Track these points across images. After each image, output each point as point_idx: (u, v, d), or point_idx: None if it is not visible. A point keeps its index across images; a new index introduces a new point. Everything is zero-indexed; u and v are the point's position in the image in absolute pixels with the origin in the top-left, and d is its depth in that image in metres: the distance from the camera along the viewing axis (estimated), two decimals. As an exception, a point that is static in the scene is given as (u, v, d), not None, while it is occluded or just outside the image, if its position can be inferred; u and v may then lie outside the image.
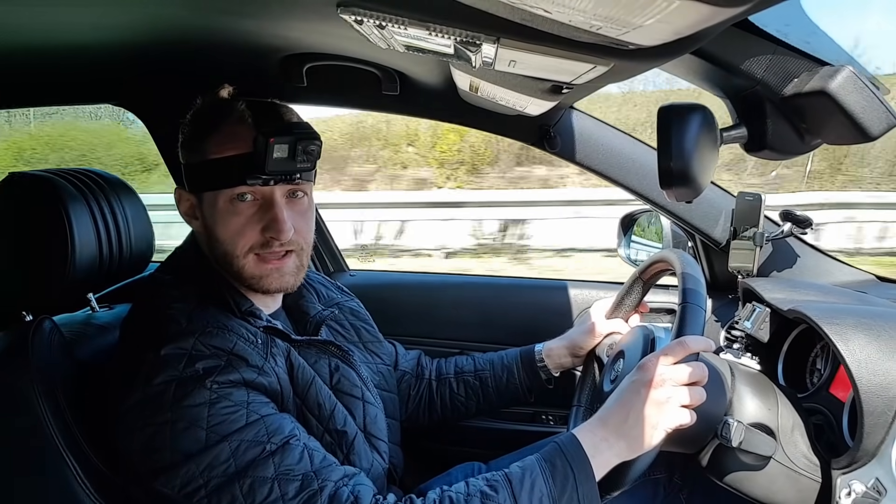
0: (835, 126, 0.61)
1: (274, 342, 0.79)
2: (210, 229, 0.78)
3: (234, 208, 0.76)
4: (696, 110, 0.62)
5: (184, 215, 0.82)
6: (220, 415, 0.67)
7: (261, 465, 0.66)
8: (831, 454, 0.77)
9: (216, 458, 0.66)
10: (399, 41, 0.58)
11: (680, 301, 0.78)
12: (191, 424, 0.66)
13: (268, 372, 0.74)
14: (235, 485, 0.65)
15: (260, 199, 0.77)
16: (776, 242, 1.15)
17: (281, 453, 0.68)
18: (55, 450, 0.72)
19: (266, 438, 0.68)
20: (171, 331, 0.72)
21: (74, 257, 0.82)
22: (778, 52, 0.61)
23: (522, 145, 1.44)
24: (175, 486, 0.66)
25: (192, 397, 0.67)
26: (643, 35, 0.42)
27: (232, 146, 0.75)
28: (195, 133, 0.79)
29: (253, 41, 0.88)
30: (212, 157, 0.76)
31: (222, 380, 0.69)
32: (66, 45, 0.87)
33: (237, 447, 0.66)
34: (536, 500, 0.69)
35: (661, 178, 0.64)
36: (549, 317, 1.36)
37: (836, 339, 0.74)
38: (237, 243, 0.77)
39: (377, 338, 1.04)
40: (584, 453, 0.72)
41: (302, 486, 0.67)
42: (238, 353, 0.73)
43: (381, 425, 0.88)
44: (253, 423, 0.68)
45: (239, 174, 0.75)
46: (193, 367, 0.69)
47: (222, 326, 0.75)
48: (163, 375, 0.68)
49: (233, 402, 0.69)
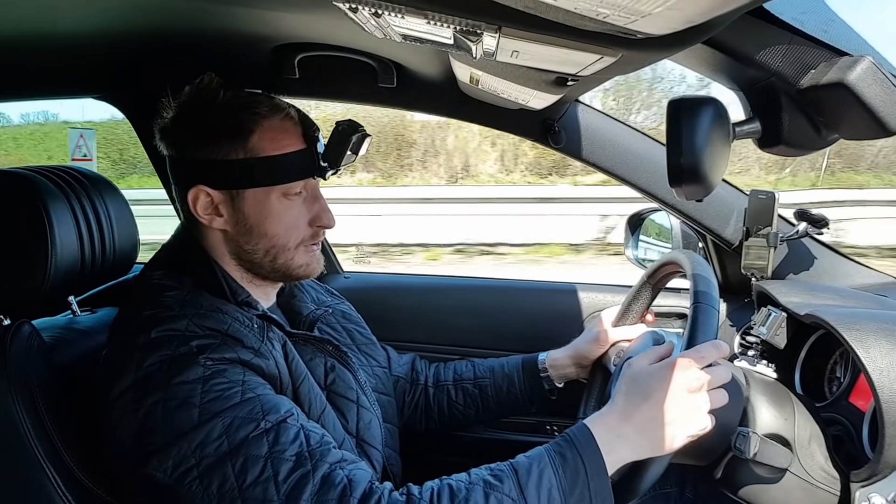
0: (853, 120, 0.60)
1: (270, 328, 0.79)
2: (252, 226, 0.80)
3: (288, 203, 0.81)
4: (707, 103, 0.62)
5: (201, 214, 0.80)
6: (213, 391, 0.67)
7: (254, 443, 0.66)
8: (850, 466, 0.77)
9: (208, 434, 0.66)
10: (396, 30, 0.58)
11: (692, 303, 0.78)
12: (183, 402, 0.67)
13: (265, 354, 0.74)
14: (227, 464, 0.65)
15: (305, 191, 0.83)
16: (791, 243, 1.15)
17: (276, 431, 0.67)
18: (34, 460, 0.72)
19: (261, 416, 0.68)
20: (163, 315, 0.73)
21: (55, 258, 0.82)
22: (794, 41, 0.61)
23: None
24: (168, 468, 0.65)
25: (185, 374, 0.68)
26: (652, 23, 0.42)
27: (288, 143, 0.79)
28: (228, 129, 0.78)
29: (242, 30, 0.88)
30: (265, 155, 0.78)
31: (216, 356, 0.70)
32: (43, 34, 0.87)
33: (230, 423, 0.66)
34: (545, 492, 0.68)
35: (670, 176, 0.64)
36: (554, 322, 1.36)
37: (856, 345, 0.73)
38: (291, 236, 0.82)
39: (371, 339, 1.04)
40: (596, 447, 0.71)
41: (294, 465, 0.66)
42: (233, 334, 0.74)
43: (374, 432, 0.87)
44: (248, 400, 0.68)
45: (303, 169, 0.81)
46: (187, 345, 0.70)
47: (216, 309, 0.76)
48: (155, 356, 0.69)
49: (227, 379, 0.69)
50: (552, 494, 0.68)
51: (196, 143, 0.79)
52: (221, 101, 0.79)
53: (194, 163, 0.79)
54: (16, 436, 0.71)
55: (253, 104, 0.79)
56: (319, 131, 0.83)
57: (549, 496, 0.68)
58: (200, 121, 0.79)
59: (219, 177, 0.79)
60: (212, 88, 0.80)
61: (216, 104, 0.79)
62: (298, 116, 0.82)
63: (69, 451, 0.74)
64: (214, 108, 0.79)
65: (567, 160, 5.45)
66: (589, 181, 7.15)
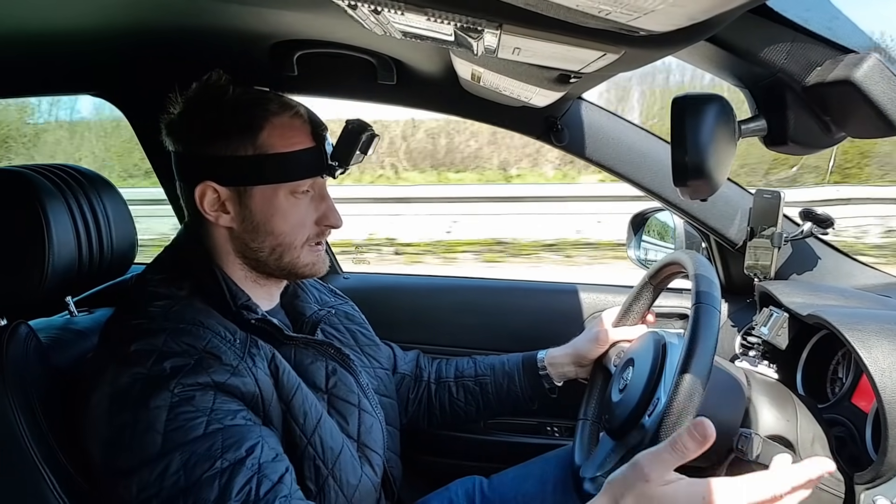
0: (860, 118, 0.60)
1: (255, 343, 0.78)
2: (259, 223, 0.81)
3: (295, 201, 0.82)
4: (712, 101, 0.61)
5: (207, 211, 0.80)
6: (178, 420, 0.68)
7: (206, 485, 0.67)
8: (854, 468, 0.77)
9: (167, 467, 0.67)
10: (396, 27, 0.58)
11: (693, 303, 0.78)
12: (149, 427, 0.67)
13: (242, 372, 0.74)
14: (180, 499, 0.66)
15: (312, 190, 0.84)
16: (795, 243, 1.15)
17: (229, 473, 0.68)
18: (30, 462, 0.71)
19: (219, 453, 0.68)
20: (143, 327, 0.73)
21: (52, 258, 0.82)
22: (798, 38, 0.61)
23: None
24: (132, 492, 0.67)
25: (155, 399, 0.68)
26: (655, 20, 0.42)
27: (297, 140, 0.81)
28: (237, 125, 0.78)
29: (240, 27, 0.88)
30: (274, 152, 0.79)
31: (188, 381, 0.70)
32: (38, 30, 0.87)
33: (187, 459, 0.67)
34: None
35: (674, 174, 0.63)
36: (555, 322, 1.36)
37: (859, 346, 0.73)
38: (297, 235, 0.83)
39: (374, 341, 1.04)
40: None
41: None
42: (210, 350, 0.73)
43: (376, 436, 0.87)
44: (210, 434, 0.68)
45: (311, 168, 0.82)
46: (161, 365, 0.70)
47: (198, 323, 0.75)
48: (129, 373, 0.70)
49: (194, 408, 0.69)
50: None
51: (204, 139, 0.79)
52: (231, 97, 0.80)
53: (202, 159, 0.79)
54: (12, 437, 0.71)
55: (263, 101, 0.80)
56: (327, 130, 0.84)
57: None
58: (209, 116, 0.79)
59: (227, 173, 0.79)
60: (220, 84, 0.80)
61: (226, 100, 0.79)
62: (307, 115, 0.83)
63: (66, 453, 0.74)
64: (224, 104, 0.79)
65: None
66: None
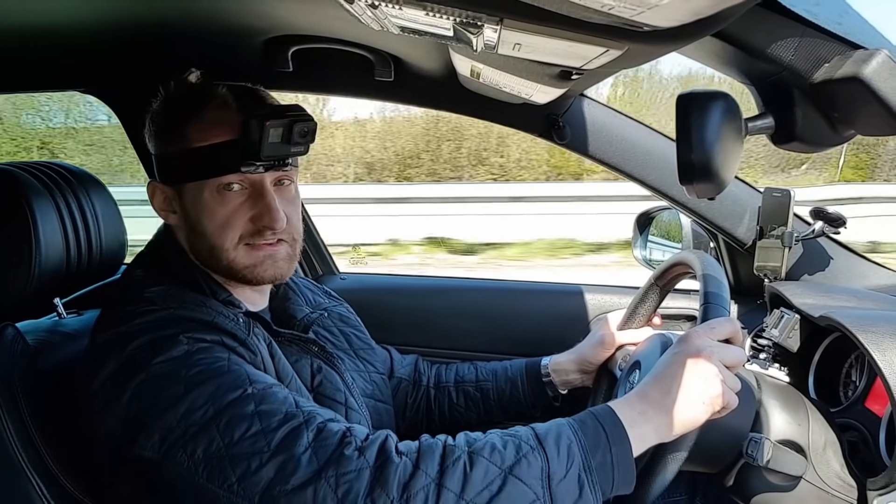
0: (869, 115, 0.60)
1: (256, 325, 0.80)
2: (193, 223, 0.80)
3: (221, 198, 0.78)
4: (718, 98, 0.62)
5: (158, 210, 0.83)
6: (198, 364, 0.68)
7: (239, 404, 0.66)
8: (867, 474, 0.77)
9: (193, 402, 0.66)
10: (393, 22, 0.58)
11: (701, 304, 0.78)
12: (167, 378, 0.67)
13: (251, 348, 0.75)
14: (213, 426, 0.65)
15: (248, 187, 0.79)
16: (806, 243, 1.15)
17: (262, 394, 0.67)
18: (18, 468, 0.72)
19: (247, 383, 0.68)
20: (145, 309, 0.74)
21: (39, 258, 0.82)
22: (807, 34, 0.61)
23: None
24: (155, 445, 0.65)
25: (169, 352, 0.68)
26: (659, 15, 0.42)
27: (217, 133, 0.76)
28: (171, 121, 0.80)
29: (233, 21, 0.88)
30: (196, 146, 0.77)
31: (199, 337, 0.70)
32: (24, 24, 0.87)
33: (215, 390, 0.66)
34: (564, 446, 0.67)
35: (680, 173, 0.64)
36: (558, 325, 1.36)
37: (872, 348, 0.74)
38: (226, 235, 0.78)
39: (369, 344, 1.04)
40: (617, 419, 0.70)
41: (285, 418, 0.66)
42: (218, 323, 0.74)
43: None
44: (234, 371, 0.69)
45: (229, 162, 0.77)
46: (168, 329, 0.70)
47: (200, 303, 0.76)
48: (136, 342, 0.70)
49: (211, 355, 0.69)
50: (571, 449, 0.67)
51: (151, 137, 0.82)
52: (171, 91, 0.82)
53: (151, 158, 0.83)
54: None
55: (191, 93, 0.80)
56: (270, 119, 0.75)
57: (569, 450, 0.67)
58: (155, 115, 0.82)
59: (162, 171, 0.81)
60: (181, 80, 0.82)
61: (166, 96, 0.82)
62: (237, 104, 0.78)
63: (53, 458, 0.75)
64: (165, 101, 0.82)
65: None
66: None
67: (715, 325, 0.74)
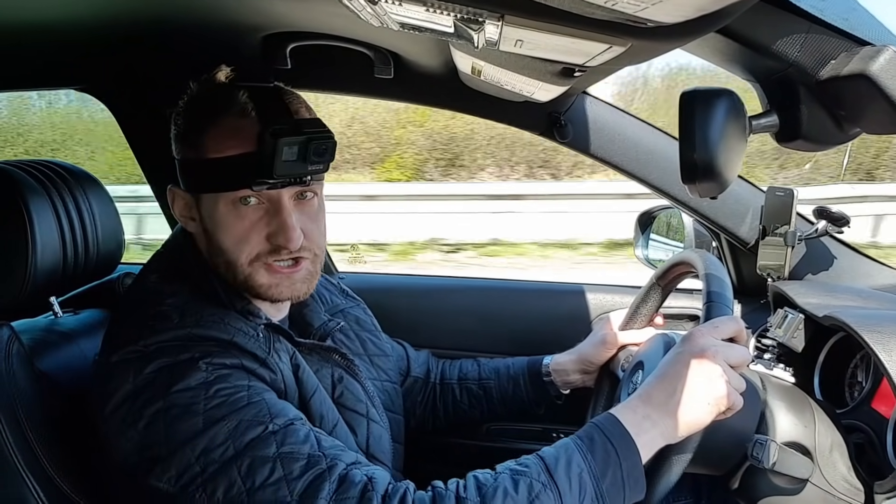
0: (875, 113, 0.60)
1: (277, 339, 0.78)
2: (211, 234, 0.78)
3: (237, 212, 0.75)
4: (722, 96, 0.62)
5: (179, 216, 0.81)
6: (217, 396, 0.67)
7: (261, 445, 0.65)
8: (874, 477, 0.77)
9: (212, 439, 0.65)
10: (393, 18, 0.58)
11: (704, 304, 0.78)
12: (186, 409, 0.66)
13: (271, 367, 0.74)
14: (233, 467, 0.64)
15: (266, 202, 0.76)
16: (809, 242, 1.15)
17: (284, 433, 0.67)
18: (14, 470, 0.72)
19: (268, 419, 0.67)
20: (162, 327, 0.72)
21: (35, 257, 0.82)
22: (813, 30, 0.61)
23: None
24: (172, 478, 0.65)
25: (187, 380, 0.67)
26: (663, 11, 0.42)
27: (234, 144, 0.73)
28: (191, 125, 0.77)
29: (230, 18, 0.88)
30: (211, 157, 0.74)
31: (219, 362, 0.69)
32: (22, 23, 0.87)
33: (235, 427, 0.66)
34: (575, 476, 0.67)
35: (683, 172, 0.64)
36: (559, 325, 1.36)
37: (878, 348, 0.73)
38: (242, 251, 0.76)
39: (383, 351, 1.02)
40: (624, 429, 0.70)
41: (308, 464, 0.65)
42: (238, 343, 0.73)
43: (385, 447, 0.87)
44: (254, 403, 0.68)
45: (242, 177, 0.73)
46: (188, 353, 0.69)
47: (219, 319, 0.74)
48: (153, 364, 0.69)
49: (231, 384, 0.68)
50: (583, 479, 0.67)
51: (174, 141, 0.80)
52: (193, 94, 0.79)
53: (174, 161, 0.81)
54: None
55: (211, 98, 0.77)
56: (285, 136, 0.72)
57: (581, 480, 0.67)
58: (178, 117, 0.79)
59: (183, 177, 0.80)
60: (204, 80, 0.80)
61: (189, 99, 0.79)
62: (258, 113, 0.74)
63: (49, 459, 0.75)
64: (187, 103, 0.79)
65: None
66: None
67: (718, 324, 0.74)
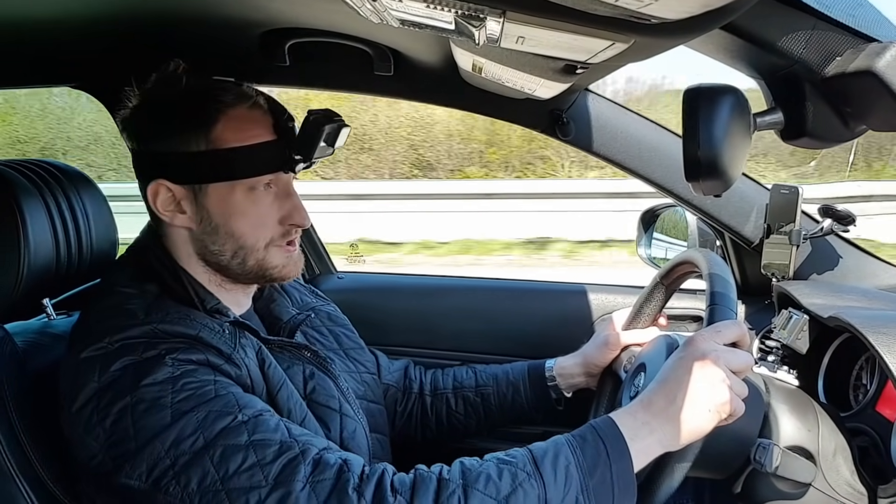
0: (882, 110, 0.60)
1: (243, 334, 0.79)
2: (216, 225, 0.79)
3: (253, 198, 0.79)
4: (726, 92, 0.61)
5: (161, 211, 0.79)
6: (185, 389, 0.67)
7: (232, 434, 0.66)
8: (878, 481, 0.77)
9: (182, 431, 0.65)
10: (393, 14, 0.58)
11: (707, 304, 0.78)
12: (153, 403, 0.66)
13: (237, 363, 0.74)
14: (205, 457, 0.65)
15: (275, 187, 0.81)
16: (815, 241, 1.14)
17: (254, 422, 0.68)
18: (6, 473, 0.72)
19: (237, 409, 0.68)
20: (128, 323, 0.73)
21: (28, 258, 0.82)
22: (819, 26, 0.61)
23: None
24: (142, 474, 0.65)
25: (154, 375, 0.67)
26: (668, 7, 0.42)
27: (256, 133, 0.78)
28: (189, 120, 0.77)
29: (228, 14, 0.88)
30: (227, 146, 0.77)
31: (185, 358, 0.70)
32: (14, 19, 0.87)
33: (205, 418, 0.66)
34: (561, 468, 0.67)
35: (686, 169, 0.63)
36: (561, 325, 1.36)
37: (884, 350, 0.73)
38: (259, 235, 0.81)
39: (359, 344, 1.04)
40: (619, 433, 0.70)
41: (280, 449, 0.66)
42: (203, 338, 0.73)
43: (360, 441, 0.87)
44: (221, 396, 0.69)
45: (269, 162, 0.79)
46: (153, 350, 0.70)
47: (184, 315, 0.75)
48: (119, 362, 0.69)
49: (198, 379, 0.69)
50: (569, 471, 0.67)
51: (156, 134, 0.78)
52: (183, 88, 0.79)
53: (155, 155, 0.79)
54: None
55: (217, 91, 0.79)
56: (294, 121, 0.81)
57: (567, 473, 0.67)
58: (161, 110, 0.78)
59: (180, 170, 0.78)
60: (175, 75, 0.79)
61: (177, 92, 0.79)
62: (268, 105, 0.81)
63: (41, 461, 0.74)
64: (176, 96, 0.78)
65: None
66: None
67: (721, 329, 0.74)
